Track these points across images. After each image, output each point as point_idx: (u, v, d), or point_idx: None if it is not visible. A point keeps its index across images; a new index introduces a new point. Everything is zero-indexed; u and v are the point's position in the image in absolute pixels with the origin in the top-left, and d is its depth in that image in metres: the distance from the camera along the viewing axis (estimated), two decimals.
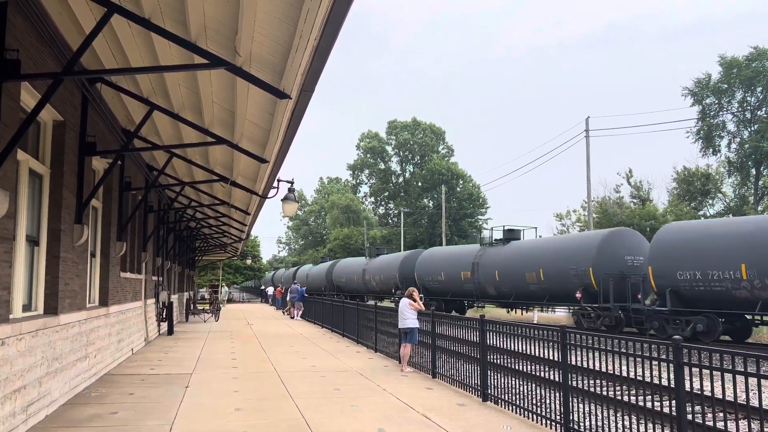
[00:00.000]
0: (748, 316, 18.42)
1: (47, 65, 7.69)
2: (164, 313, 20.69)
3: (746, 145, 45.68)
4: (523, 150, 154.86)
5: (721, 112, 48.39)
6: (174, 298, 25.36)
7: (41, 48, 7.44)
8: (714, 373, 5.53)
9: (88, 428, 7.35)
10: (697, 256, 18.05)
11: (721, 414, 7.96)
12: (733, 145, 47.96)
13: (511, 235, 29.07)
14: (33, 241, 8.27)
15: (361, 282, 43.68)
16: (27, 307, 8.06)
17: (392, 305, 22.03)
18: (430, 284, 33.27)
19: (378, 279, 40.53)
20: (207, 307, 32.12)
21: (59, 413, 8.14)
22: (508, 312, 29.44)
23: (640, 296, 21.28)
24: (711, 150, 48.94)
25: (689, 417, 5.63)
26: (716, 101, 48.27)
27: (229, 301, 64.74)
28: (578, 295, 22.38)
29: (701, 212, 46.10)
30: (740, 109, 47.43)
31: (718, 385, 5.47)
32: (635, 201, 50.36)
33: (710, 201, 47.77)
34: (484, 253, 28.91)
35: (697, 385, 6.05)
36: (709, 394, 5.62)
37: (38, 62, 7.34)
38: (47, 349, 8.09)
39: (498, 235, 29.94)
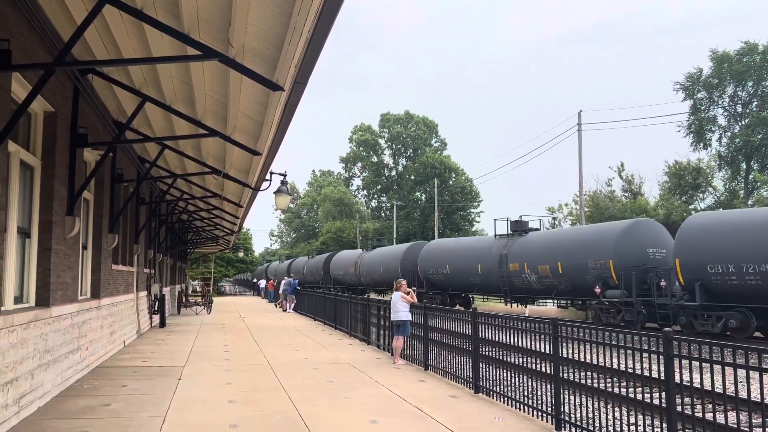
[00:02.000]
0: None
1: (38, 56, 7.64)
2: (156, 306, 20.65)
3: (737, 140, 45.91)
4: (515, 144, 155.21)
5: (712, 107, 48.60)
6: (166, 290, 25.30)
7: (32, 38, 7.38)
8: (703, 365, 5.59)
9: (81, 420, 7.35)
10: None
11: (710, 405, 8.04)
12: (724, 140, 48.19)
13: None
14: (24, 233, 8.24)
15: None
16: (19, 300, 8.03)
17: (386, 298, 21.90)
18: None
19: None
20: (199, 299, 32.05)
21: (52, 405, 8.13)
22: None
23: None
24: (702, 144, 49.15)
25: (678, 408, 5.69)
26: (707, 96, 48.48)
27: (221, 293, 64.61)
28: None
29: (692, 206, 46.34)
30: (731, 104, 47.65)
31: (707, 376, 5.53)
32: (627, 195, 50.57)
33: (701, 195, 48.03)
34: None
35: (686, 376, 6.11)
36: (699, 386, 5.68)
37: (29, 53, 7.28)
38: (39, 342, 8.07)
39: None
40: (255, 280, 69.58)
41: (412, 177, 79.08)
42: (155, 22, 6.80)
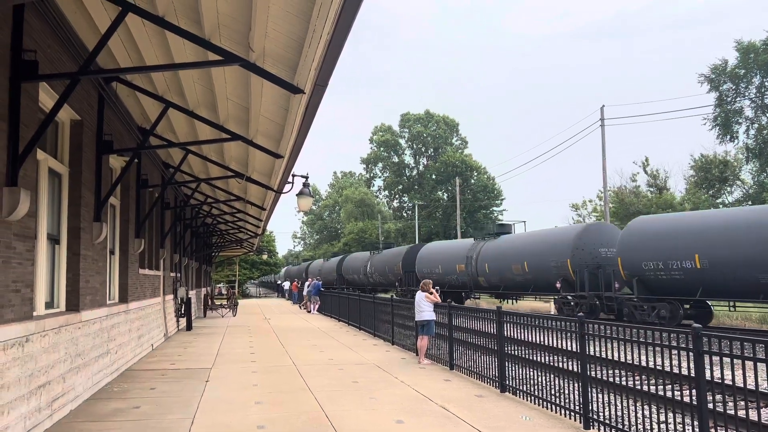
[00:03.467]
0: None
1: (64, 65, 7.78)
2: (183, 309, 20.90)
3: (765, 131, 44.98)
4: (537, 141, 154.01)
5: (738, 98, 47.67)
6: (192, 293, 25.59)
7: (58, 48, 7.53)
8: (735, 361, 5.49)
9: (111, 422, 7.47)
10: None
11: (743, 402, 7.90)
12: (752, 131, 47.22)
13: (502, 229, 31.52)
14: (54, 240, 8.40)
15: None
16: (49, 305, 8.20)
17: (400, 298, 22.24)
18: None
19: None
20: (225, 302, 32.35)
21: (83, 408, 8.28)
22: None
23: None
24: (729, 137, 48.23)
25: (710, 406, 5.60)
26: (733, 87, 47.57)
27: (246, 296, 65.10)
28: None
29: (719, 200, 45.56)
30: (758, 95, 46.69)
31: (739, 373, 5.43)
32: (652, 190, 49.89)
33: (728, 188, 47.18)
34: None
35: (717, 373, 6.01)
36: (730, 383, 5.58)
37: (55, 62, 7.43)
38: (70, 346, 8.22)
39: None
40: (279, 282, 70.03)
41: (434, 176, 78.86)
42: (177, 29, 6.88)
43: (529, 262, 26.08)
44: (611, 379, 7.12)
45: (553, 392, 8.02)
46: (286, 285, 56.25)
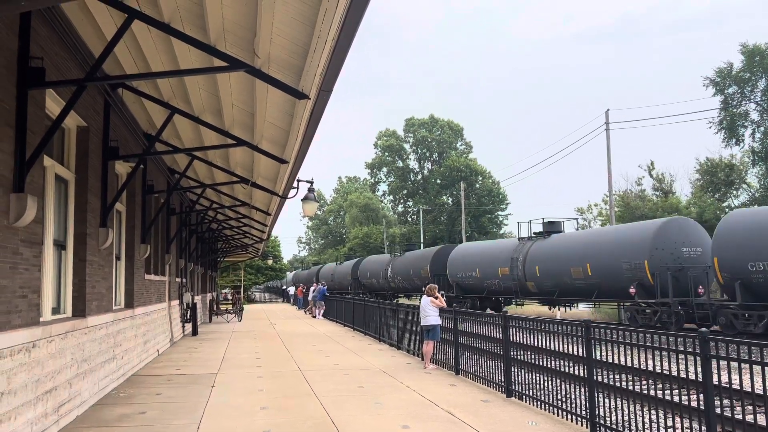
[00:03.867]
0: None
1: (70, 72, 7.83)
2: (188, 314, 20.92)
3: None
4: (541, 145, 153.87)
5: (744, 101, 47.51)
6: (197, 299, 25.63)
7: (64, 55, 7.58)
8: (742, 365, 5.46)
9: (117, 428, 7.48)
10: None
11: (751, 407, 7.85)
12: (757, 135, 47.04)
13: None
14: (60, 245, 8.43)
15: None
16: (56, 310, 8.22)
17: (415, 303, 21.79)
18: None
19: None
20: (230, 307, 32.38)
21: (89, 414, 8.29)
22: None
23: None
24: (734, 140, 48.03)
25: (717, 410, 5.57)
26: (739, 90, 47.42)
27: (251, 301, 65.19)
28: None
29: (725, 203, 45.35)
30: (764, 98, 46.53)
31: (746, 377, 5.40)
32: (658, 193, 49.74)
33: (735, 192, 46.97)
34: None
35: (725, 378, 5.98)
36: (738, 387, 5.55)
37: (62, 69, 7.47)
38: (76, 351, 8.24)
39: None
40: (284, 287, 70.09)
41: (438, 181, 78.89)
42: (182, 35, 6.92)
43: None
44: (618, 384, 7.08)
45: (559, 397, 7.99)
46: (291, 290, 56.27)
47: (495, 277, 28.80)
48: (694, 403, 7.15)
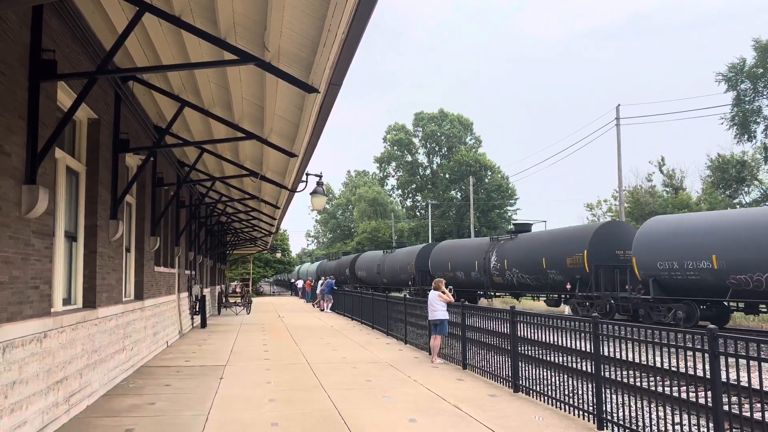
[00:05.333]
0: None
1: (82, 65, 7.87)
2: (197, 307, 21.04)
3: None
4: (552, 140, 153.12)
5: (756, 98, 47.04)
6: (206, 291, 25.76)
7: (76, 48, 7.62)
8: (751, 363, 5.44)
9: (127, 418, 7.55)
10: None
11: (759, 404, 7.82)
12: None
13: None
14: (71, 237, 8.50)
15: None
16: (67, 301, 8.30)
17: (413, 297, 22.24)
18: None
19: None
20: (238, 300, 32.53)
21: (99, 404, 8.38)
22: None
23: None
24: (746, 136, 47.58)
25: (725, 408, 5.55)
26: (752, 86, 46.95)
27: (260, 294, 65.48)
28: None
29: (736, 200, 45.02)
30: None
31: (755, 375, 5.39)
32: (668, 190, 49.45)
33: (746, 188, 46.62)
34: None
35: (733, 375, 5.96)
36: (746, 384, 5.53)
37: (73, 62, 7.52)
38: (87, 342, 8.32)
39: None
40: (292, 280, 70.33)
41: (447, 175, 78.69)
42: (193, 28, 6.94)
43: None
44: (625, 380, 7.08)
45: (566, 392, 7.99)
46: (300, 283, 56.52)
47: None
48: (702, 400, 7.14)
